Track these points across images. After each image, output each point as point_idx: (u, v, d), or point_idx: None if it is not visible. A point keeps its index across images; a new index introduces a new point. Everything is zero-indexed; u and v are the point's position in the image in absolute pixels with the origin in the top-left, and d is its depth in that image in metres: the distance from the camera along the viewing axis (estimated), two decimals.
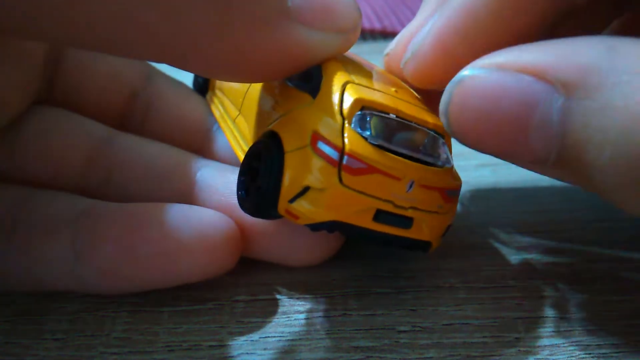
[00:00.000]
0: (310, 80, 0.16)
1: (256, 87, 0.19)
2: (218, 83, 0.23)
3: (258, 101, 0.18)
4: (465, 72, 0.14)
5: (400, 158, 0.15)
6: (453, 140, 0.16)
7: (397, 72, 0.19)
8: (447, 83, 0.16)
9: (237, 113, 0.20)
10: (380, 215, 0.15)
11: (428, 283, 0.18)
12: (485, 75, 0.14)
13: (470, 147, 0.15)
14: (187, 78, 0.23)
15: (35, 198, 0.18)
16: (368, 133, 0.15)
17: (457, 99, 0.14)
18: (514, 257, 0.19)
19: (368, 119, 0.15)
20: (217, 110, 0.22)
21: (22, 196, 0.18)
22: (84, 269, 0.16)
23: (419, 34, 0.17)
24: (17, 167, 0.19)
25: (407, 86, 0.19)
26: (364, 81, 0.16)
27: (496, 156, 0.15)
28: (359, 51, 0.20)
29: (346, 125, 0.15)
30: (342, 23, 0.15)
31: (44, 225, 0.17)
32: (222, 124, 0.21)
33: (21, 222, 0.17)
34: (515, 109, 0.13)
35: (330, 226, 0.15)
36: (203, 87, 0.24)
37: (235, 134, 0.19)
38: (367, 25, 0.40)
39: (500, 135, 0.14)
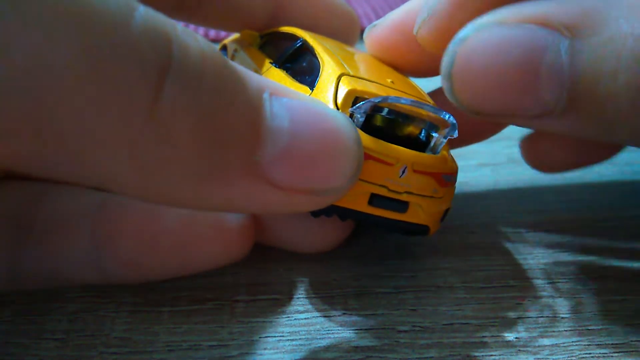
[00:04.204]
0: (310, 74, 0.17)
1: None
2: None
3: None
4: (467, 30, 0.14)
5: (393, 145, 0.15)
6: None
7: (377, 46, 0.19)
8: None
9: None
10: (375, 200, 0.15)
11: (428, 283, 0.18)
12: (489, 30, 0.14)
13: (472, 111, 0.15)
14: None
15: (52, 193, 0.18)
16: (361, 120, 0.15)
17: (461, 59, 0.14)
18: (514, 257, 0.19)
19: (361, 108, 0.15)
20: None
21: (38, 191, 0.18)
22: (105, 261, 0.16)
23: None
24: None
25: (403, 75, 0.19)
26: (359, 73, 0.16)
27: (499, 118, 0.14)
28: (359, 49, 0.20)
29: None
30: (325, 184, 0.13)
31: (63, 219, 0.17)
32: None
33: (39, 217, 0.17)
34: (523, 58, 0.13)
35: (327, 210, 0.15)
36: None
37: None
38: (366, 24, 0.40)
39: (508, 89, 0.14)
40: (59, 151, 0.11)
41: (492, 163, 0.25)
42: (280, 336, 0.16)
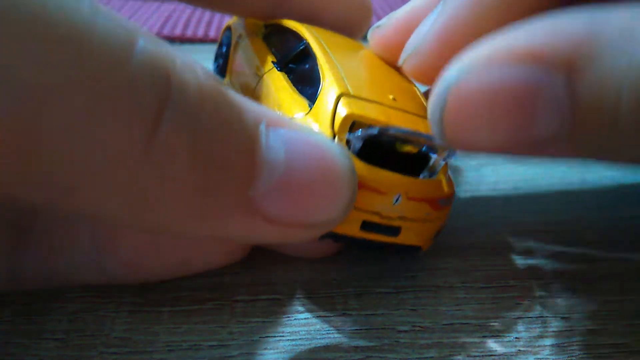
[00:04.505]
0: (311, 85, 0.16)
1: (262, 90, 0.19)
2: (232, 74, 0.23)
3: (263, 102, 0.18)
4: (455, 72, 0.13)
5: (388, 172, 0.15)
6: None
7: (382, 47, 0.19)
8: None
9: None
10: (367, 225, 0.16)
11: (428, 283, 0.18)
12: (478, 73, 0.13)
13: (468, 151, 0.14)
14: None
15: None
16: (357, 147, 0.15)
17: (452, 105, 0.13)
18: (513, 257, 0.19)
19: (358, 134, 0.15)
20: None
21: None
22: (105, 261, 0.16)
23: (420, 30, 0.16)
24: None
25: (407, 81, 0.19)
26: (360, 89, 0.16)
27: (497, 153, 0.14)
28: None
29: (336, 140, 0.15)
30: (319, 217, 0.13)
31: (63, 219, 0.17)
32: None
33: (39, 218, 0.17)
34: (518, 100, 0.13)
35: (321, 235, 0.15)
36: (222, 70, 0.24)
37: None
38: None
39: (504, 130, 0.13)
40: (50, 185, 0.11)
41: (492, 163, 0.25)
42: (280, 336, 0.16)
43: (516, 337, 0.16)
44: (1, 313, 0.17)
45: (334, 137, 0.15)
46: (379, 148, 0.16)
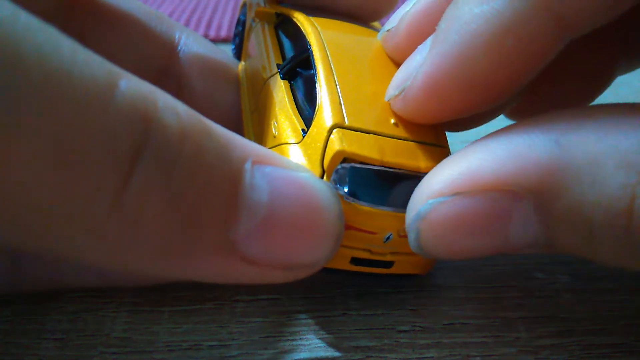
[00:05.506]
0: (310, 102, 0.16)
1: (266, 96, 0.18)
2: (246, 59, 0.23)
3: (266, 114, 0.18)
4: (425, 206, 0.14)
5: (378, 211, 0.15)
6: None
7: (394, 54, 0.18)
8: (438, 122, 0.16)
9: (254, 109, 0.20)
10: (357, 261, 0.15)
11: (428, 283, 0.18)
12: (447, 205, 0.13)
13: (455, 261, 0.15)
14: None
15: None
16: (346, 189, 0.14)
17: (426, 235, 0.14)
18: (513, 257, 0.19)
19: (347, 174, 0.14)
20: (242, 88, 0.22)
21: None
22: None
23: (407, 69, 0.15)
24: None
25: None
26: (358, 114, 0.15)
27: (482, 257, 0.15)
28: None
29: (325, 178, 0.14)
30: (301, 260, 0.13)
31: None
32: (243, 107, 0.21)
33: None
34: (491, 224, 0.13)
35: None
36: (239, 50, 0.24)
37: (250, 128, 0.19)
38: None
39: (482, 246, 0.14)
40: (17, 228, 0.10)
41: None
42: (280, 336, 0.16)
43: (516, 337, 0.16)
44: (1, 313, 0.17)
45: (323, 174, 0.14)
46: (369, 189, 0.15)
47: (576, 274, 0.19)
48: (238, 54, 0.24)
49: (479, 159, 0.13)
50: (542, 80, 0.16)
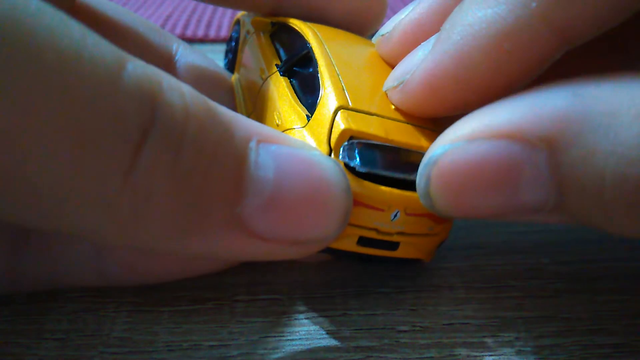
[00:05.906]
0: (312, 93, 0.16)
1: (266, 93, 0.19)
2: (241, 70, 0.23)
3: (266, 109, 0.18)
4: (437, 150, 0.13)
5: (386, 189, 0.15)
6: None
7: (389, 58, 0.18)
8: (433, 117, 0.16)
9: (252, 110, 0.20)
10: (363, 241, 0.15)
11: (428, 283, 0.18)
12: (459, 150, 0.13)
13: (459, 218, 0.14)
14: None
15: None
16: (355, 163, 0.14)
17: (436, 181, 0.14)
18: (514, 257, 0.19)
19: (356, 149, 0.14)
20: (237, 96, 0.22)
21: None
22: (105, 264, 0.16)
23: (408, 64, 0.16)
24: None
25: None
26: (360, 100, 0.15)
27: (490, 219, 0.14)
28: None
29: (332, 156, 0.15)
30: (310, 235, 0.13)
31: None
32: (239, 112, 0.21)
33: None
34: (502, 176, 0.13)
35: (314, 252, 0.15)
36: (232, 65, 0.24)
37: None
38: None
39: (490, 202, 0.13)
40: (33, 208, 0.11)
41: None
42: (280, 336, 0.16)
43: (516, 337, 0.16)
44: (1, 313, 0.17)
45: (331, 152, 0.15)
46: (377, 162, 0.15)
47: (576, 274, 0.19)
48: (231, 69, 0.25)
49: (495, 111, 0.13)
50: (539, 82, 0.16)
